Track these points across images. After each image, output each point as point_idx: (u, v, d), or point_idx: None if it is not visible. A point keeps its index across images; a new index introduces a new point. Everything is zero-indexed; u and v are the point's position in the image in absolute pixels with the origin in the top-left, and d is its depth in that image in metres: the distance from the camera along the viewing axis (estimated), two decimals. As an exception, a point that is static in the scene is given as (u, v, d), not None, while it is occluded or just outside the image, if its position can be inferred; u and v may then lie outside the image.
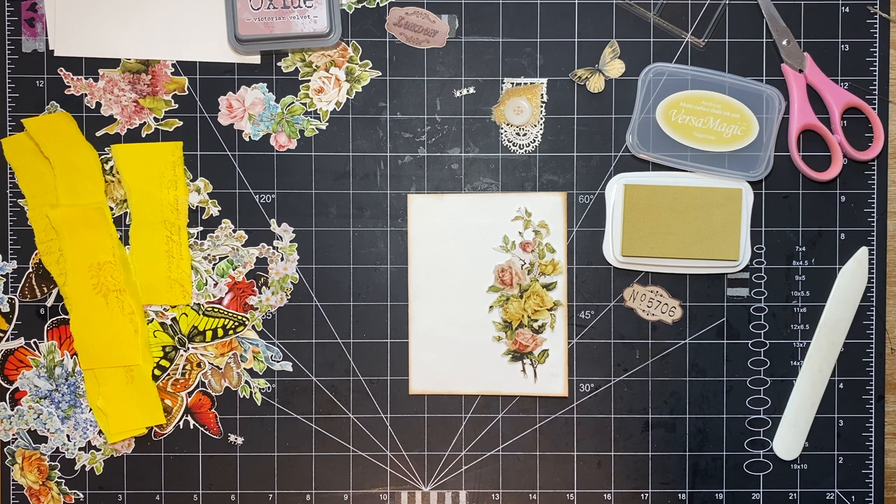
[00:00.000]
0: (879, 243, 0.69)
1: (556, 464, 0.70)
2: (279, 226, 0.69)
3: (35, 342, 0.69)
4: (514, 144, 0.69)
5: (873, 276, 0.69)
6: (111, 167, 0.69)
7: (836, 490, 0.70)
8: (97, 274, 0.68)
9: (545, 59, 0.69)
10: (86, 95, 0.69)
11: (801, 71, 0.68)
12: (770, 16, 0.68)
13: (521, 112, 0.69)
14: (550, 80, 0.69)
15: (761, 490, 0.70)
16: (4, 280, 0.69)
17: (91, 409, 0.69)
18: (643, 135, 0.68)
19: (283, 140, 0.69)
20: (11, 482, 0.70)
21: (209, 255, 0.69)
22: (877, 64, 0.68)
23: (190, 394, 0.70)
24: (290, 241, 0.69)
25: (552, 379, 0.69)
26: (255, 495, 0.70)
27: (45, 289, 0.69)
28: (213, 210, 0.69)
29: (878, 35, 0.68)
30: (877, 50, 0.68)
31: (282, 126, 0.69)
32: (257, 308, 0.69)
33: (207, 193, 0.69)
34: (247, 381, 0.70)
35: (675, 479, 0.70)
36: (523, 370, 0.69)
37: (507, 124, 0.69)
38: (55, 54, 0.68)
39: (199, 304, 0.69)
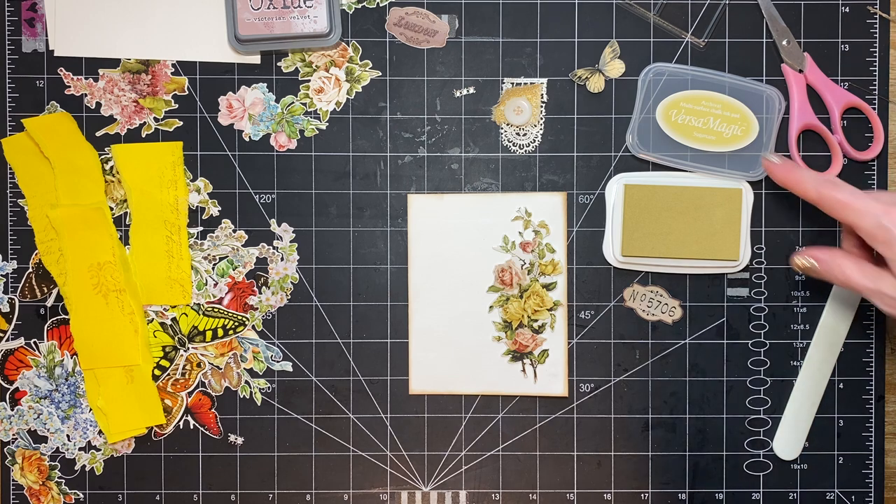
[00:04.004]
0: (879, 243, 0.69)
1: (556, 464, 0.70)
2: (279, 226, 0.69)
3: (35, 342, 0.69)
4: (514, 144, 0.69)
5: (873, 276, 0.69)
6: (111, 167, 0.69)
7: (836, 490, 0.70)
8: (97, 274, 0.68)
9: (545, 59, 0.69)
10: (86, 95, 0.69)
11: (801, 71, 0.68)
12: (770, 16, 0.68)
13: (521, 112, 0.69)
14: (550, 80, 0.69)
15: (761, 490, 0.70)
16: (4, 280, 0.69)
17: (91, 409, 0.69)
18: (643, 135, 0.68)
19: (283, 140, 0.69)
20: (11, 482, 0.70)
21: (209, 255, 0.69)
22: (877, 64, 0.68)
23: (190, 394, 0.70)
24: (290, 241, 0.69)
25: (552, 379, 0.69)
26: (255, 495, 0.70)
27: (45, 289, 0.69)
28: (213, 210, 0.69)
29: (878, 35, 0.68)
30: (877, 50, 0.68)
31: (282, 126, 0.69)
32: (257, 308, 0.69)
33: (207, 193, 0.69)
34: (247, 381, 0.70)
35: (675, 479, 0.70)
36: (523, 370, 0.69)
37: (507, 124, 0.69)
38: (55, 54, 0.68)
39: (199, 304, 0.69)
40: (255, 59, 0.68)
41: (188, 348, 0.69)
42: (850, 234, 0.62)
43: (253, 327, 0.69)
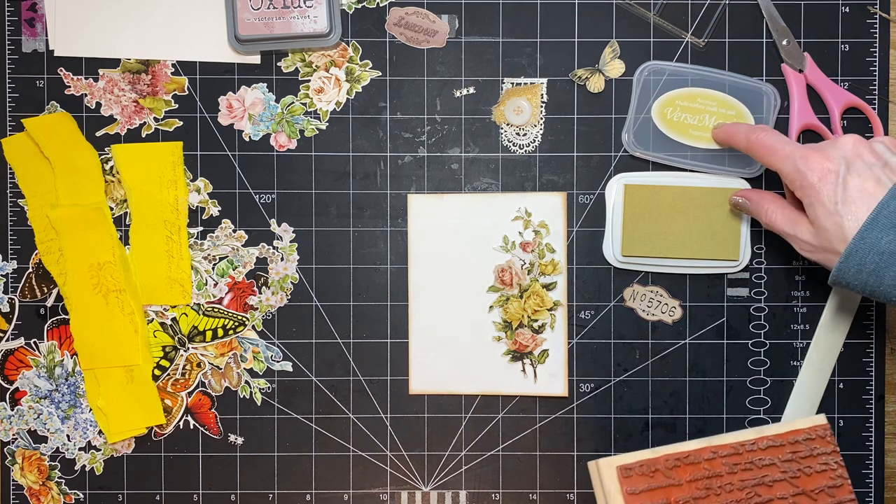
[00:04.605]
0: (879, 243, 0.69)
1: (556, 464, 0.70)
2: (279, 226, 0.69)
3: (35, 342, 0.69)
4: (514, 144, 0.69)
5: (873, 275, 0.69)
6: (111, 167, 0.69)
7: (836, 490, 0.70)
8: (97, 274, 0.68)
9: (545, 59, 0.69)
10: (86, 95, 0.69)
11: (801, 71, 0.68)
12: (770, 16, 0.68)
13: (521, 112, 0.69)
14: (550, 80, 0.69)
15: (761, 490, 0.70)
16: (4, 280, 0.69)
17: (91, 409, 0.69)
18: (640, 134, 0.68)
19: (283, 140, 0.69)
20: (11, 482, 0.70)
21: (209, 255, 0.69)
22: (877, 64, 0.69)
23: (190, 394, 0.70)
24: (290, 241, 0.69)
25: (552, 379, 0.69)
26: (255, 495, 0.70)
27: (45, 289, 0.69)
28: (213, 210, 0.69)
29: (878, 35, 0.68)
30: (877, 50, 0.68)
31: (282, 126, 0.69)
32: (257, 308, 0.69)
33: (207, 193, 0.69)
34: (247, 381, 0.70)
35: (675, 479, 0.70)
36: (523, 370, 0.69)
37: (507, 124, 0.69)
38: (55, 54, 0.68)
39: (199, 304, 0.69)
40: (255, 59, 0.68)
41: (188, 348, 0.69)
42: (790, 191, 0.62)
43: (253, 327, 0.69)
